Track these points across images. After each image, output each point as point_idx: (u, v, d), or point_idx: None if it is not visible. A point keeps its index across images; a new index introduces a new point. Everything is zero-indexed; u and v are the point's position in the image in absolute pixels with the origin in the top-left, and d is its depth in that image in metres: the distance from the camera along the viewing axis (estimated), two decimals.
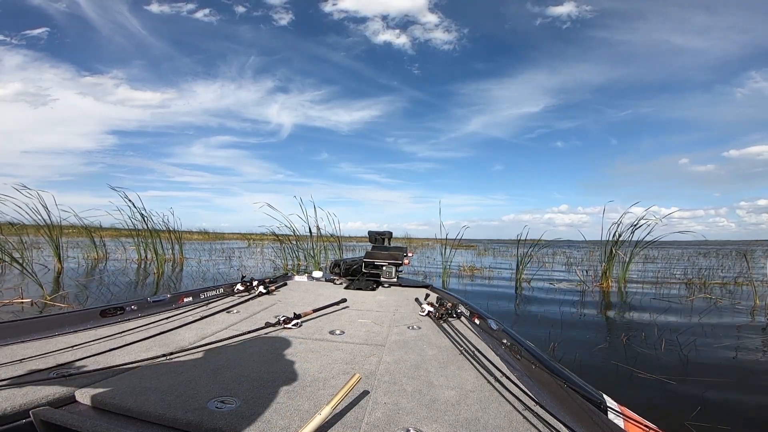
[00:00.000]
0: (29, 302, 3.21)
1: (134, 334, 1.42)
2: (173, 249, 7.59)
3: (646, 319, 3.33)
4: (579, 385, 0.95)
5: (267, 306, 2.06)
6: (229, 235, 22.31)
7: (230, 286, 2.39)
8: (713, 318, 3.50)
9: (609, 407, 0.85)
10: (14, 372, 0.99)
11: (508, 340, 1.37)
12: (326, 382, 1.05)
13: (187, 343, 1.35)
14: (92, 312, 1.56)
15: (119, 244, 8.50)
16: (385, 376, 1.11)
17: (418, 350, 1.37)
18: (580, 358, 2.29)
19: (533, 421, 0.86)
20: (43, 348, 1.21)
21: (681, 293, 5.00)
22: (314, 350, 1.33)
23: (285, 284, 2.85)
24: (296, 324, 1.63)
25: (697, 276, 6.59)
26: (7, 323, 1.32)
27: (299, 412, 0.86)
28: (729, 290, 5.34)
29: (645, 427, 0.77)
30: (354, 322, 1.77)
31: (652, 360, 2.29)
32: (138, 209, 6.97)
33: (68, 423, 0.78)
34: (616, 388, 1.91)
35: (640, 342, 2.65)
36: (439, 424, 0.84)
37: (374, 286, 2.85)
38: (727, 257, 11.82)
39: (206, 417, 0.82)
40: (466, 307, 1.90)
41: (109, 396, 0.90)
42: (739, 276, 6.59)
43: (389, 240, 3.50)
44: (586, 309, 3.91)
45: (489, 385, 1.07)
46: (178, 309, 1.88)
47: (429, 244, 17.61)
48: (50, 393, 0.89)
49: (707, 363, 2.26)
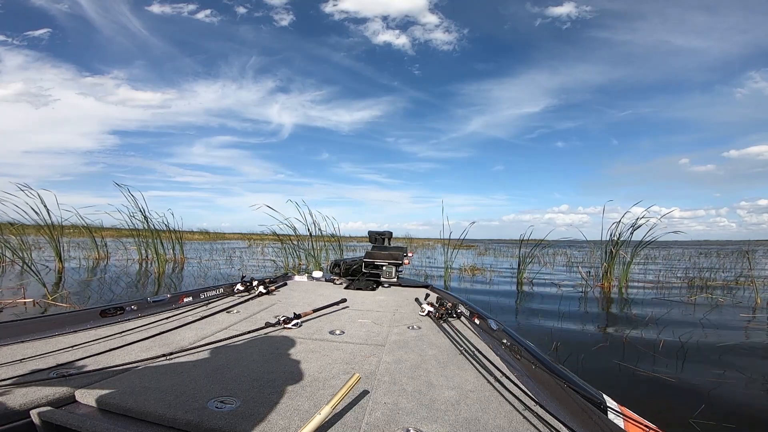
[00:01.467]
0: (31, 302, 3.21)
1: (134, 334, 1.42)
2: (174, 249, 7.60)
3: (648, 319, 3.33)
4: (579, 385, 0.95)
5: (267, 306, 2.06)
6: (230, 235, 22.35)
7: (230, 286, 2.39)
8: (715, 317, 3.49)
9: (609, 407, 0.85)
10: (14, 372, 0.99)
11: (508, 340, 1.37)
12: (326, 382, 1.05)
13: (187, 343, 1.35)
14: (92, 312, 1.57)
15: (120, 244, 8.51)
16: (385, 376, 1.11)
17: (418, 350, 1.37)
18: (581, 357, 2.29)
19: (533, 421, 0.86)
20: (43, 348, 1.21)
21: (682, 293, 4.99)
22: (314, 350, 1.33)
23: (285, 284, 2.85)
24: (296, 324, 1.63)
25: (698, 276, 6.57)
26: (7, 323, 1.32)
27: (299, 412, 0.86)
28: (730, 290, 5.33)
29: (645, 427, 0.77)
30: (354, 322, 1.77)
31: (653, 359, 2.29)
32: (141, 209, 7.00)
33: (68, 423, 0.78)
34: (617, 386, 1.91)
35: (641, 341, 2.65)
36: (439, 424, 0.84)
37: (374, 286, 2.85)
38: (728, 257, 11.79)
39: (206, 417, 0.82)
40: (466, 307, 1.90)
41: (109, 396, 0.90)
42: (740, 275, 6.57)
43: (389, 240, 3.49)
44: (587, 309, 3.91)
45: (489, 385, 1.07)
46: (178, 309, 1.89)
47: (430, 244, 17.61)
48: (50, 393, 0.89)
49: (709, 362, 2.26)
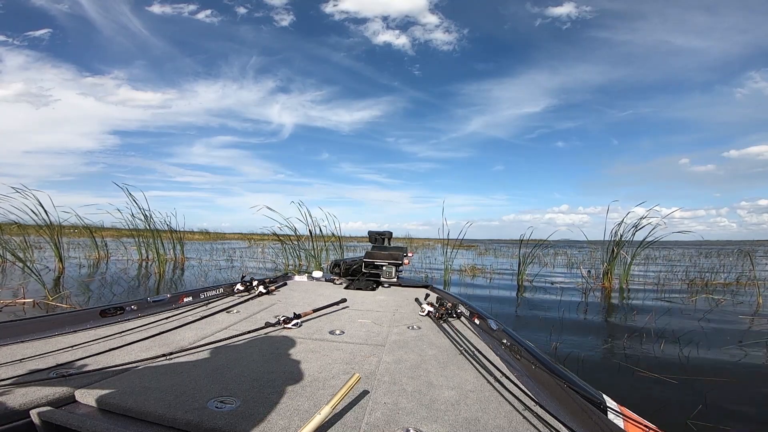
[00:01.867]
0: (31, 302, 3.22)
1: (134, 334, 1.42)
2: (174, 249, 7.60)
3: (648, 319, 3.32)
4: (579, 385, 0.95)
5: (267, 306, 2.06)
6: (230, 235, 22.36)
7: (230, 286, 2.38)
8: (715, 318, 3.49)
9: (609, 407, 0.85)
10: (14, 372, 0.99)
11: (507, 340, 1.37)
12: (326, 382, 1.05)
13: (187, 343, 1.35)
14: (92, 312, 1.56)
15: (120, 244, 8.51)
16: (385, 376, 1.11)
17: (418, 350, 1.37)
18: (582, 356, 2.29)
19: (533, 421, 0.86)
20: (43, 348, 1.21)
21: (683, 293, 4.99)
22: (314, 350, 1.33)
23: (285, 284, 2.85)
24: (296, 324, 1.63)
25: (699, 276, 6.57)
26: (7, 323, 1.32)
27: (299, 412, 0.86)
28: (731, 290, 5.32)
29: (645, 427, 0.77)
30: (354, 322, 1.77)
31: (653, 359, 2.29)
32: (142, 209, 7.01)
33: (68, 423, 0.78)
34: (617, 386, 1.91)
35: (642, 341, 2.65)
36: (439, 424, 0.84)
37: (374, 286, 2.85)
38: (728, 257, 11.77)
39: (206, 417, 0.81)
40: (466, 307, 1.89)
41: (109, 396, 0.90)
42: (741, 276, 6.57)
43: (389, 240, 3.49)
44: (588, 309, 3.90)
45: (489, 385, 1.07)
46: (177, 309, 1.88)
47: (430, 244, 17.59)
48: (50, 393, 0.89)
49: (709, 362, 2.26)
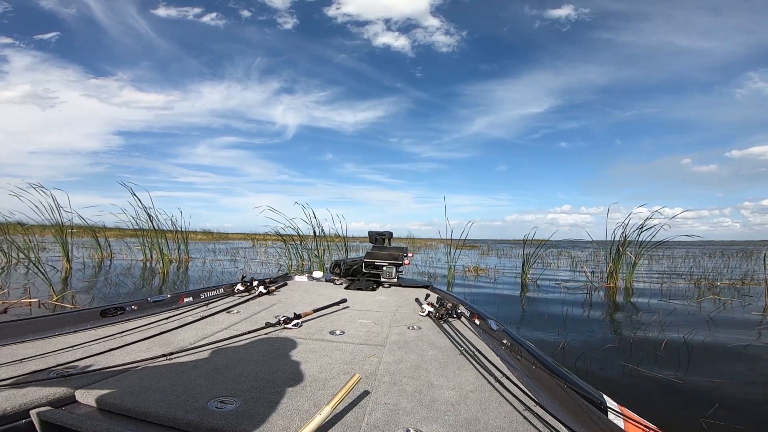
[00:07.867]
0: (36, 302, 3.23)
1: (134, 334, 1.43)
2: (179, 249, 7.63)
3: (654, 319, 3.30)
4: (579, 386, 0.94)
5: (267, 306, 2.06)
6: (233, 235, 22.40)
7: (230, 287, 2.39)
8: (722, 318, 3.45)
9: (609, 407, 0.84)
10: (14, 372, 1.00)
11: (508, 340, 1.36)
12: (326, 382, 1.05)
13: (187, 343, 1.35)
14: (92, 312, 1.57)
15: (123, 244, 8.57)
16: (385, 376, 1.11)
17: (418, 350, 1.36)
18: (587, 357, 2.27)
19: (533, 421, 0.85)
20: (43, 348, 1.21)
21: (688, 294, 4.94)
22: (314, 350, 1.33)
23: (285, 284, 2.85)
24: (296, 324, 1.63)
25: (704, 276, 6.50)
26: (7, 323, 1.32)
27: (299, 412, 0.86)
28: (737, 290, 5.27)
29: (645, 427, 0.76)
30: (354, 322, 1.77)
31: (660, 360, 2.27)
32: (146, 209, 7.04)
33: (68, 423, 0.78)
34: (623, 387, 1.89)
35: (648, 341, 2.62)
36: (439, 424, 0.83)
37: (374, 286, 2.85)
38: (732, 257, 11.65)
39: (206, 417, 0.82)
40: (466, 308, 1.89)
41: (110, 396, 0.90)
42: (746, 276, 6.50)
43: (389, 240, 3.49)
44: (593, 309, 3.88)
45: (489, 385, 1.06)
46: (178, 309, 1.89)
47: (432, 245, 17.55)
48: (50, 393, 0.89)
49: (718, 363, 2.23)
